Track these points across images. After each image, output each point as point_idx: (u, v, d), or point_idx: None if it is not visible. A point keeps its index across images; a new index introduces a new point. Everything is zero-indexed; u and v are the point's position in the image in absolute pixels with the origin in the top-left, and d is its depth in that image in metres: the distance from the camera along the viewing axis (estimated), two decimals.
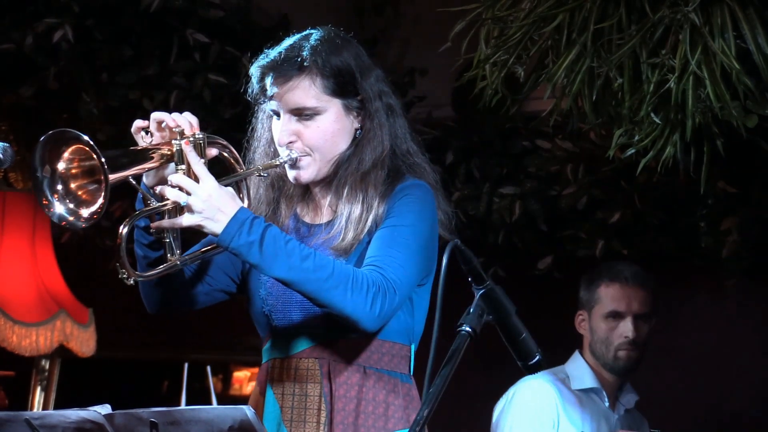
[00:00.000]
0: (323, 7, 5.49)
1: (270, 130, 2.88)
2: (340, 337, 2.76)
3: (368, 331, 2.69)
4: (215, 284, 2.91)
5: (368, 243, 2.76)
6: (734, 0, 3.42)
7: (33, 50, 4.95)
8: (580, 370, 4.21)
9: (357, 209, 2.79)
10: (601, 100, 3.70)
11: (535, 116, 4.74)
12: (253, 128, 2.94)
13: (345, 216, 2.79)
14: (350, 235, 2.77)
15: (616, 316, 4.17)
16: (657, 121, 3.61)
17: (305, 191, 2.93)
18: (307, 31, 2.87)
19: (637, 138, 3.69)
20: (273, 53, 2.83)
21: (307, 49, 2.79)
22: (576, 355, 4.27)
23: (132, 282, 2.66)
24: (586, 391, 4.17)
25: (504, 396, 4.20)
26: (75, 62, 5.02)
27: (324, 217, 2.88)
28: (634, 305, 4.16)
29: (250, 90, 2.88)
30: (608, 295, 4.19)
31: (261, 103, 2.87)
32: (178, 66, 5.08)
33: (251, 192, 2.88)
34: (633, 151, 3.74)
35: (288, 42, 2.85)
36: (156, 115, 2.72)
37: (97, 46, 5.04)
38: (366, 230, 2.77)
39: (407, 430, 2.77)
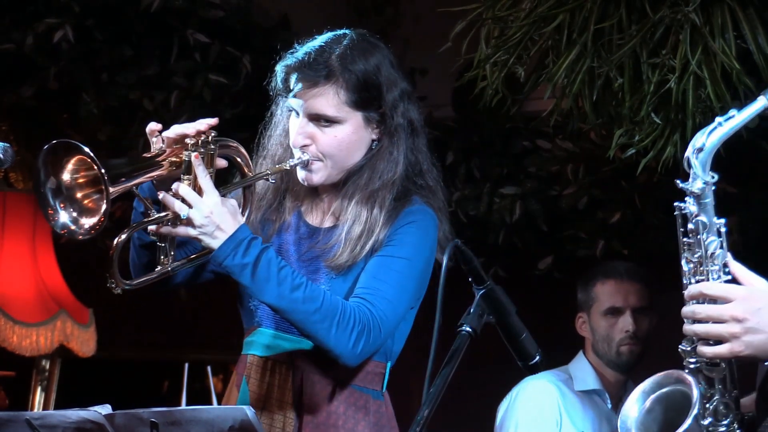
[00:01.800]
0: (323, 7, 5.49)
1: (288, 119, 2.86)
2: (318, 348, 2.73)
3: (348, 366, 2.69)
4: (208, 265, 2.88)
5: (364, 268, 2.75)
6: (734, 0, 3.42)
7: (33, 50, 4.95)
8: (583, 371, 4.21)
9: (358, 228, 2.76)
10: (602, 100, 3.71)
11: (536, 116, 4.74)
12: (272, 113, 2.92)
13: (345, 231, 2.77)
14: (346, 254, 2.75)
15: (614, 312, 4.17)
16: (657, 121, 3.61)
17: (312, 191, 2.90)
18: (340, 32, 2.83)
19: (637, 138, 3.69)
20: (301, 52, 2.79)
21: (336, 56, 2.76)
22: (579, 355, 4.27)
23: (119, 291, 2.65)
24: (588, 392, 4.17)
25: (507, 396, 4.20)
26: (75, 62, 5.02)
27: (326, 221, 2.86)
28: (631, 299, 4.17)
29: (273, 84, 2.85)
30: (605, 292, 4.20)
31: (283, 98, 2.85)
32: (178, 66, 5.07)
33: (258, 183, 2.87)
34: (633, 151, 3.74)
35: (319, 42, 2.81)
36: (178, 129, 2.68)
37: (97, 46, 5.04)
38: (363, 254, 2.75)
39: None
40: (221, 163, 2.73)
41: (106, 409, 2.40)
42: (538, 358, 2.38)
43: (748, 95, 3.40)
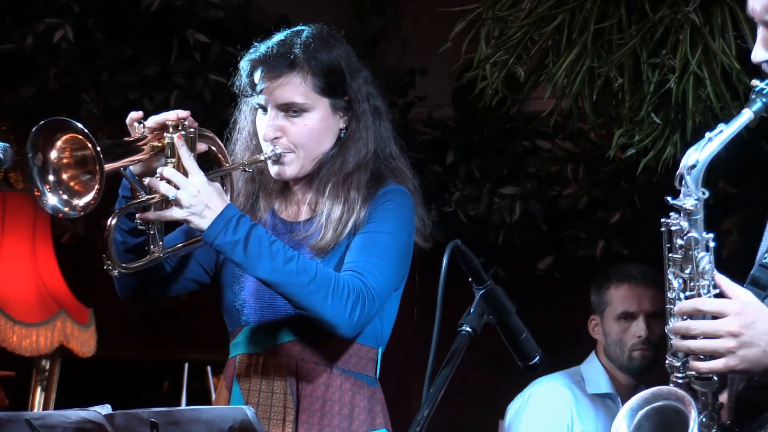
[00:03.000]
0: (323, 7, 5.49)
1: (253, 122, 2.88)
2: (309, 336, 2.76)
3: (345, 337, 2.71)
4: (188, 273, 2.90)
5: (347, 247, 2.77)
6: (734, 0, 3.42)
7: (33, 50, 4.95)
8: (595, 374, 4.20)
9: (338, 210, 2.79)
10: (602, 100, 3.71)
11: (536, 116, 4.75)
12: (235, 120, 2.94)
13: (325, 215, 2.80)
14: (329, 235, 2.78)
15: (627, 316, 4.15)
16: (657, 121, 3.61)
17: (283, 187, 2.92)
18: (298, 28, 2.87)
19: (637, 138, 3.69)
20: (263, 47, 2.83)
21: (298, 45, 2.80)
22: (592, 356, 4.26)
23: (116, 273, 2.67)
24: (601, 396, 4.16)
25: (519, 396, 4.20)
26: (75, 62, 5.02)
27: (302, 214, 2.88)
28: (644, 304, 4.15)
29: (237, 83, 2.88)
30: (618, 296, 4.18)
31: (248, 96, 2.88)
32: (178, 66, 5.08)
33: (234, 180, 2.88)
34: (633, 151, 3.74)
35: (279, 37, 2.85)
36: (159, 117, 2.70)
37: (97, 46, 5.04)
38: (346, 233, 2.78)
39: None
40: (201, 147, 2.74)
41: (106, 409, 2.40)
42: (537, 358, 2.38)
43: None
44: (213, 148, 2.80)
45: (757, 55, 2.23)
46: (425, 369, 2.22)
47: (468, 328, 2.27)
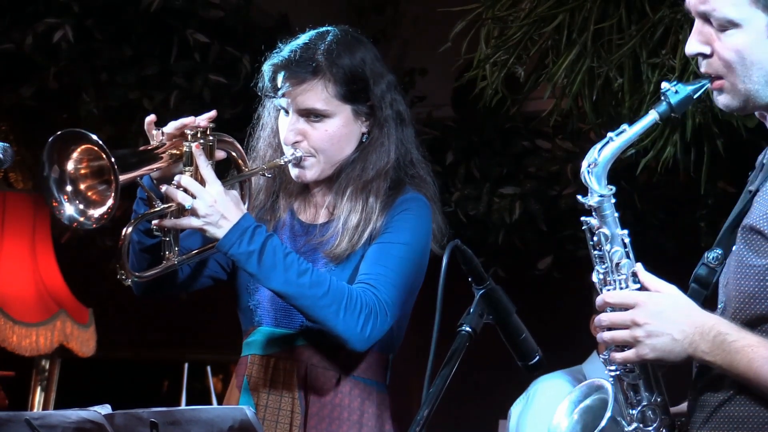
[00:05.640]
0: (323, 6, 5.49)
1: (276, 120, 2.88)
2: (321, 341, 2.76)
3: (356, 351, 2.71)
4: (206, 271, 2.90)
5: (362, 256, 2.76)
6: None
7: (33, 50, 4.96)
8: (597, 372, 4.19)
9: (354, 217, 2.78)
10: (601, 100, 3.71)
11: (535, 116, 4.75)
12: (259, 116, 2.93)
13: (342, 221, 2.79)
14: (345, 243, 2.77)
15: None
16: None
17: (304, 189, 2.92)
18: (323, 29, 2.86)
19: None
20: (287, 51, 2.81)
21: (321, 51, 2.79)
22: (593, 356, 4.25)
23: (129, 282, 2.67)
24: None
25: (522, 396, 4.19)
26: (75, 62, 5.02)
27: (320, 217, 2.88)
28: None
29: (260, 84, 2.87)
30: None
31: (270, 98, 2.87)
32: (178, 66, 5.08)
33: (252, 181, 2.88)
34: (633, 151, 3.74)
35: (303, 39, 2.83)
36: (177, 123, 2.69)
37: (97, 46, 5.05)
38: (362, 242, 2.77)
39: None
40: (220, 154, 2.75)
41: (105, 409, 2.40)
42: (537, 358, 2.38)
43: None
44: (233, 153, 2.80)
45: (691, 47, 2.24)
46: (425, 369, 2.22)
47: (468, 328, 2.27)
